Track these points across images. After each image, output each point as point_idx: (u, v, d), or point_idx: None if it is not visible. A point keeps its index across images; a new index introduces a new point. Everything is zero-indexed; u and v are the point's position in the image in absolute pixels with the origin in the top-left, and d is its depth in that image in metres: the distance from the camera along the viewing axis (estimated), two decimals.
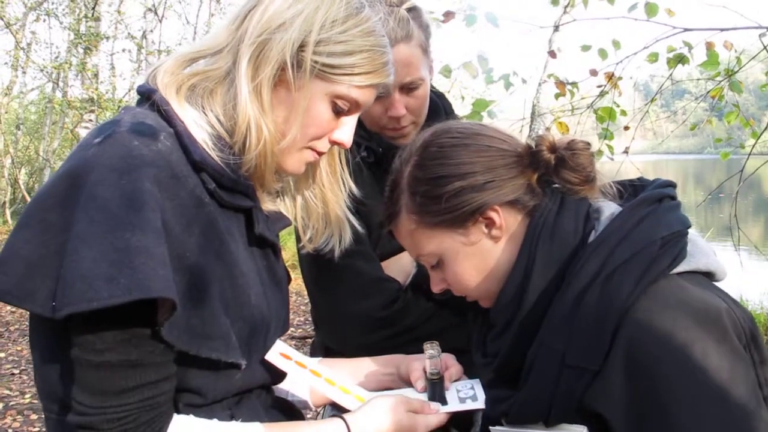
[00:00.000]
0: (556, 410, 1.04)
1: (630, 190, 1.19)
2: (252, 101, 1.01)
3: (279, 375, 1.19)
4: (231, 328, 1.00)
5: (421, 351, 1.31)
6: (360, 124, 1.53)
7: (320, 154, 1.13)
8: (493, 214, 1.12)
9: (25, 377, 5.29)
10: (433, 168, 1.13)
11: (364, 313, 1.51)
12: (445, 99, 1.70)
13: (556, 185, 1.15)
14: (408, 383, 1.32)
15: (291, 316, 7.04)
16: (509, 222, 1.13)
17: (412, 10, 1.47)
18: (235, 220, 1.07)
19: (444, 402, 1.26)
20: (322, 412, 1.63)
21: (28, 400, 4.79)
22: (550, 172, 1.14)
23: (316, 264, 1.57)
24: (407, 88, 1.47)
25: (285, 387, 1.31)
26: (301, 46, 1.02)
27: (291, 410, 1.25)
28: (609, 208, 1.12)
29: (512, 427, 1.12)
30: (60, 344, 0.94)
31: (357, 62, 1.04)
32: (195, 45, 1.09)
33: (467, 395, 1.30)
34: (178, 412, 0.99)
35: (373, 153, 1.56)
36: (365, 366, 1.37)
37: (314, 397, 1.36)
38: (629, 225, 1.04)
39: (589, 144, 1.16)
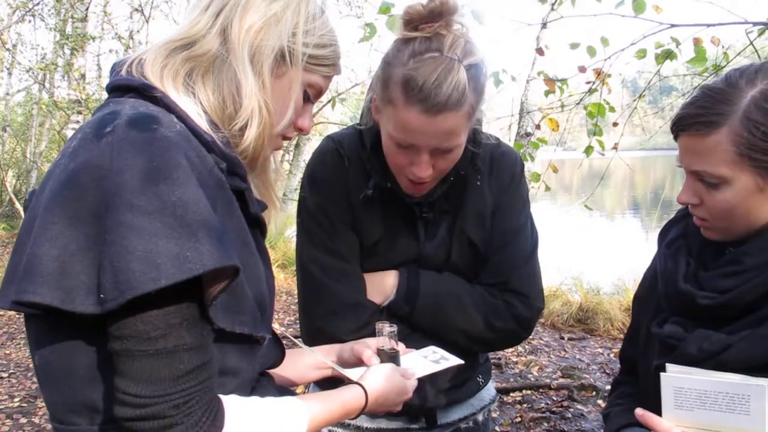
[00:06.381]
0: None
1: None
2: (256, 83, 1.05)
3: (280, 357, 1.23)
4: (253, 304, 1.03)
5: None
6: (377, 156, 1.50)
7: (288, 139, 1.19)
8: None
9: (13, 381, 5.25)
10: None
11: (333, 332, 1.52)
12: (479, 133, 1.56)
13: None
14: (350, 366, 1.38)
15: (281, 316, 6.99)
16: None
17: (473, 67, 1.33)
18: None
19: None
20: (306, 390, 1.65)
21: (17, 404, 4.76)
22: None
23: (302, 275, 1.58)
24: (440, 152, 1.39)
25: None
26: (292, 36, 1.08)
27: (288, 391, 1.27)
28: None
29: (690, 369, 1.15)
30: (96, 346, 0.92)
31: (328, 54, 1.14)
32: (174, 33, 1.08)
33: (436, 358, 1.42)
34: None
35: (380, 191, 1.51)
36: (304, 357, 1.41)
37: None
38: None
39: None
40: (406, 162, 1.41)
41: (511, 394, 4.83)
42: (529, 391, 4.87)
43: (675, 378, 1.14)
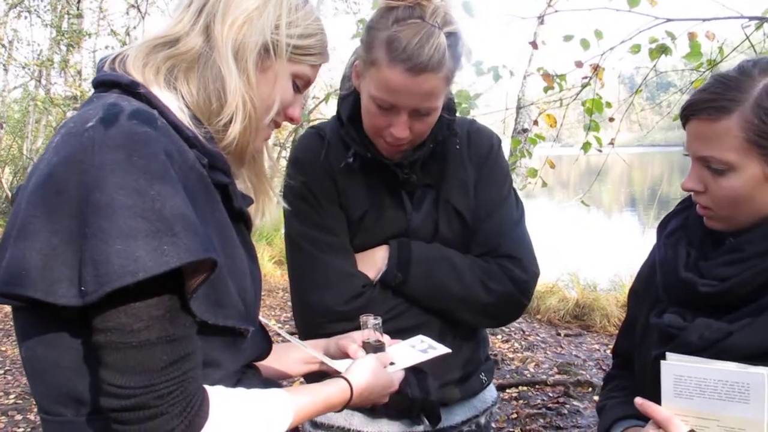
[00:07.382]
0: None
1: None
2: (241, 79, 1.06)
3: (267, 349, 1.23)
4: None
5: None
6: (354, 126, 1.54)
7: (278, 126, 1.21)
8: None
9: (9, 378, 5.24)
10: None
11: (324, 304, 1.53)
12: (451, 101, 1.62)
13: None
14: (337, 359, 1.38)
15: (278, 312, 6.98)
16: None
17: (452, 35, 1.41)
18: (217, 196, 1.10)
19: (391, 363, 1.37)
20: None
21: (12, 401, 4.75)
22: None
23: (292, 251, 1.60)
24: (418, 114, 1.45)
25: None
26: (276, 29, 1.08)
27: (275, 383, 1.27)
28: None
29: (690, 358, 1.14)
30: (81, 338, 0.93)
31: (313, 43, 1.15)
32: (157, 31, 1.09)
33: (424, 348, 1.42)
34: None
35: (360, 159, 1.55)
36: (292, 352, 1.41)
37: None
38: None
39: None
40: (384, 124, 1.46)
41: (507, 391, 4.84)
42: (525, 388, 4.88)
43: (675, 366, 1.14)
